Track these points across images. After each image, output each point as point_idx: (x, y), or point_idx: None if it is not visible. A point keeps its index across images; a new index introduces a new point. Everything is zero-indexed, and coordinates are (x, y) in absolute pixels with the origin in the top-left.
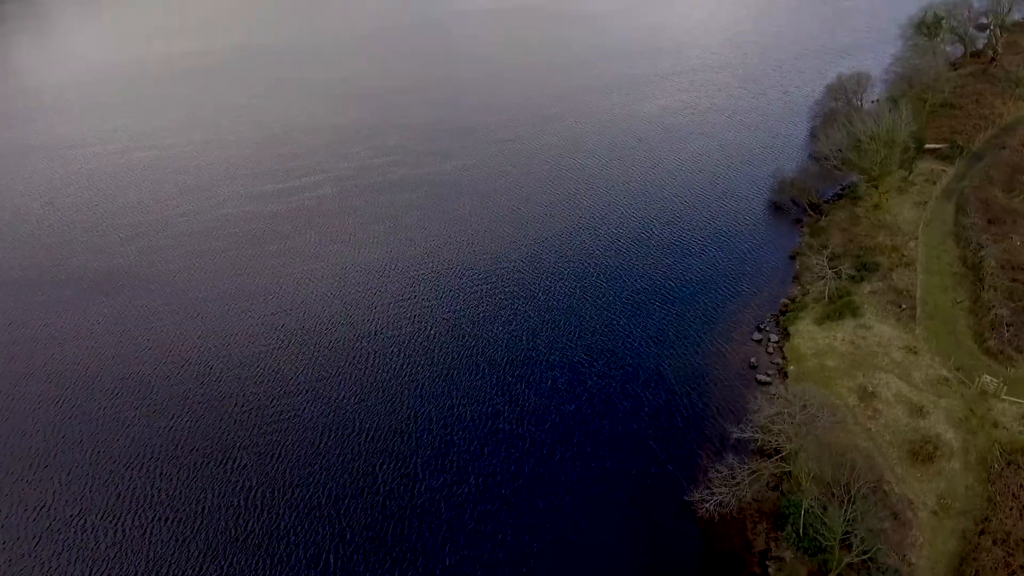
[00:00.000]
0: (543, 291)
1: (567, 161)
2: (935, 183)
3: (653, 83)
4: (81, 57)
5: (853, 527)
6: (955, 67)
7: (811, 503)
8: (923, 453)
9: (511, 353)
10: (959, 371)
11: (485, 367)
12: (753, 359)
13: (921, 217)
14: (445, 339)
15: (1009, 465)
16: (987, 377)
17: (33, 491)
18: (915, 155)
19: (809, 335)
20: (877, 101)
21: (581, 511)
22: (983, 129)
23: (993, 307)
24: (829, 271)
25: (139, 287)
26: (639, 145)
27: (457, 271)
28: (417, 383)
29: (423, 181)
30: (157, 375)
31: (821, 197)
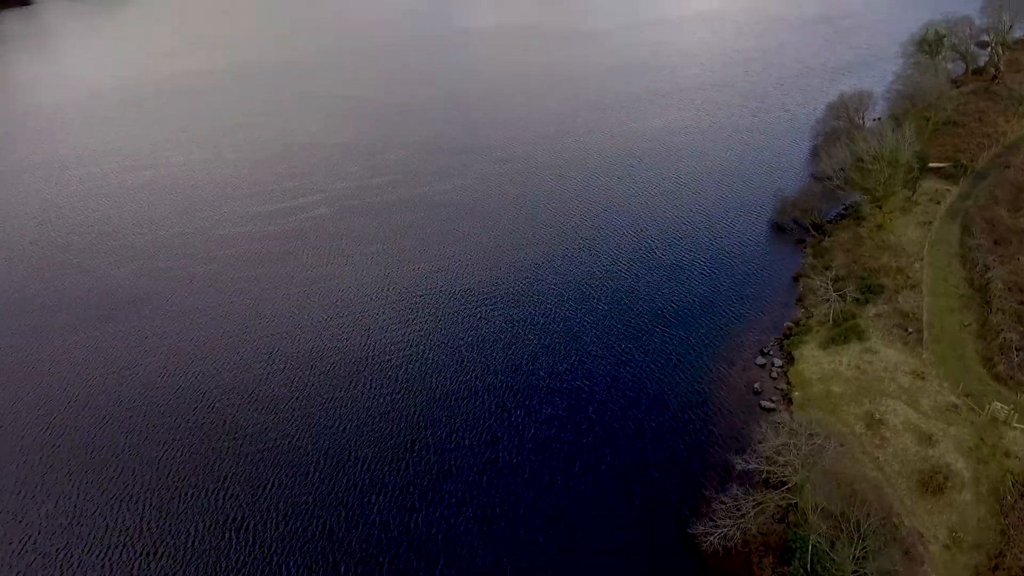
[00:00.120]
0: (542, 314)
1: (567, 180)
2: (939, 203)
3: (654, 101)
4: (80, 76)
5: (863, 565)
6: (957, 85)
7: (818, 538)
8: (933, 484)
9: (510, 379)
10: (968, 397)
11: (483, 393)
12: (757, 384)
13: (926, 237)
14: (442, 364)
15: (1022, 497)
16: (997, 404)
17: (18, 524)
18: (919, 175)
19: (814, 360)
20: (879, 119)
21: (582, 544)
22: (987, 147)
23: (1002, 331)
24: (834, 294)
25: (131, 311)
26: (640, 164)
27: (455, 294)
28: (413, 410)
29: (421, 201)
30: (149, 402)
31: (824, 217)
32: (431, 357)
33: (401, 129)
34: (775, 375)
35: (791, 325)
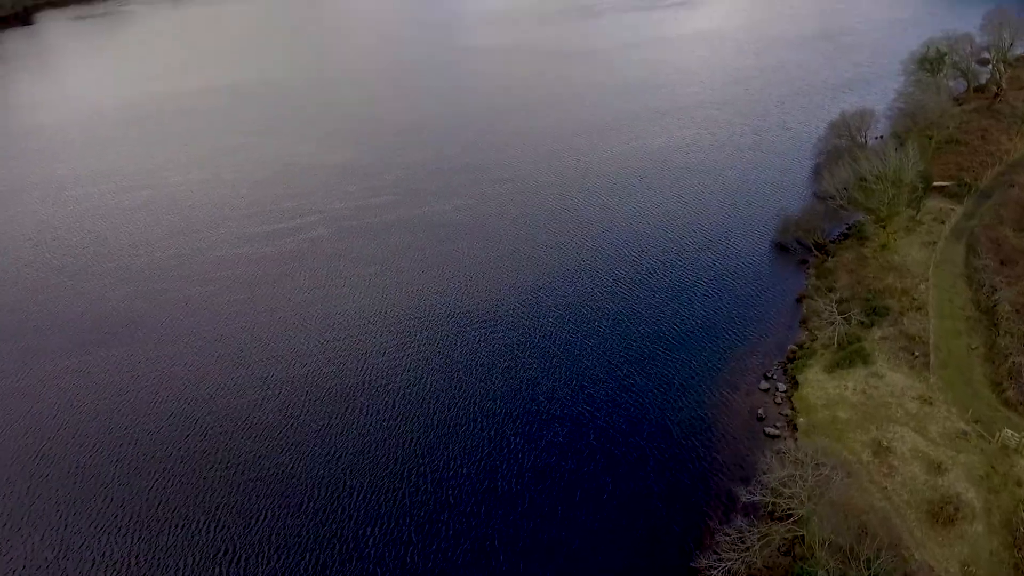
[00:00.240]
0: (542, 337)
1: (567, 200)
2: (943, 222)
3: (654, 119)
4: (81, 95)
5: None
6: (959, 102)
7: (826, 573)
8: (943, 515)
9: (509, 405)
10: (977, 424)
11: (482, 420)
12: (761, 410)
13: (931, 258)
14: (440, 390)
15: None
16: (1008, 431)
17: (2, 557)
18: (923, 194)
19: (819, 384)
20: (881, 137)
21: None
22: (990, 166)
23: (1010, 355)
24: (838, 316)
25: (124, 335)
26: (640, 183)
27: (453, 317)
28: (410, 438)
29: (420, 221)
30: (140, 429)
31: (827, 237)
32: (429, 382)
33: (400, 148)
34: (779, 400)
35: (795, 348)
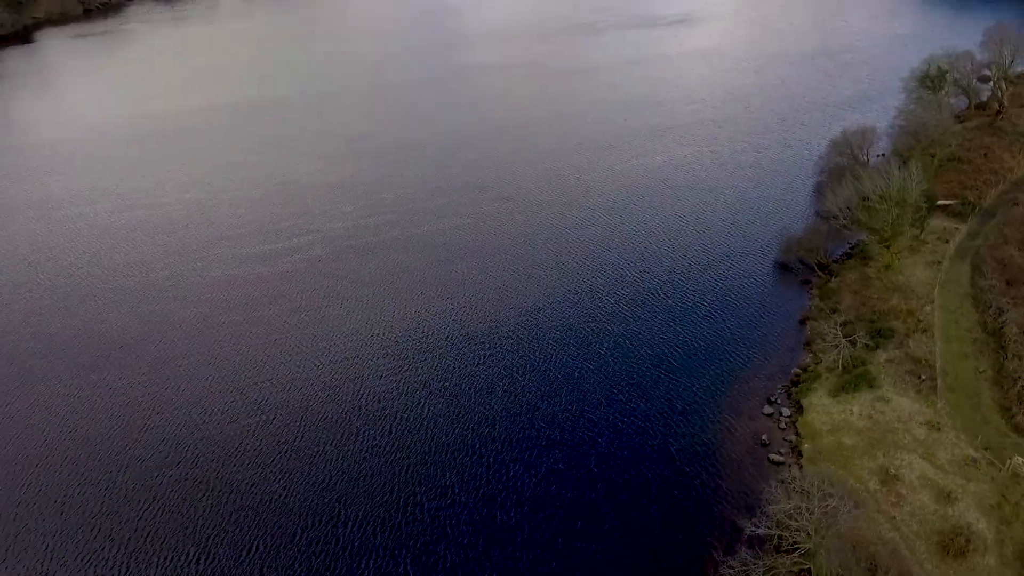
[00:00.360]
0: (542, 360)
1: (567, 219)
2: (948, 242)
3: (654, 137)
4: (80, 113)
5: None
6: (960, 120)
7: None
8: (954, 547)
9: (508, 430)
10: (987, 451)
11: (480, 446)
12: (765, 436)
13: (936, 278)
14: (438, 415)
15: None
16: (1018, 459)
17: None
18: (927, 214)
19: (823, 409)
20: (883, 155)
21: None
22: (994, 184)
23: (1019, 378)
24: (843, 339)
25: (116, 358)
26: (640, 202)
27: (451, 339)
28: (407, 465)
29: (418, 241)
30: (130, 456)
31: (830, 256)
32: (426, 407)
33: (399, 167)
34: (783, 425)
35: (799, 371)
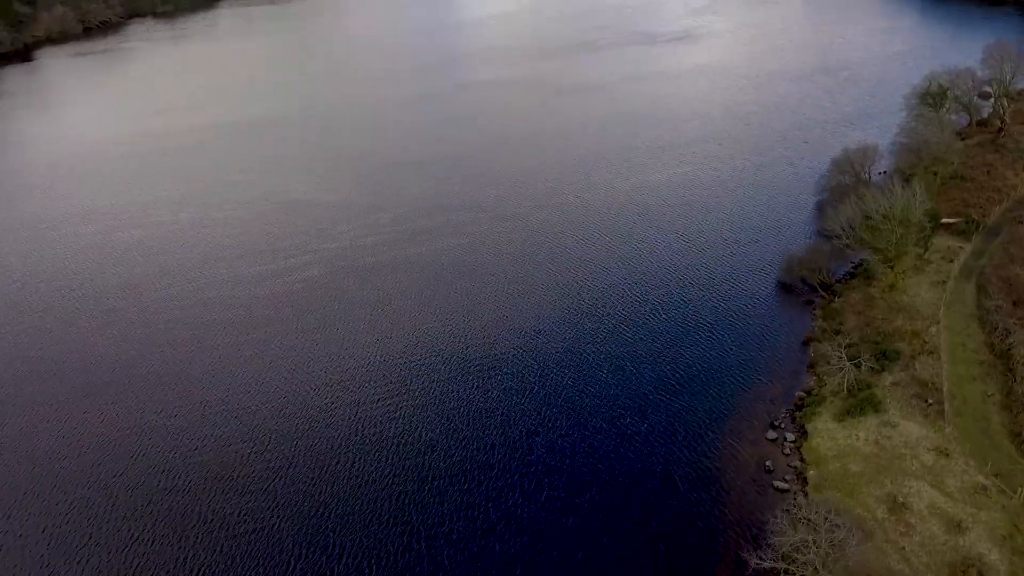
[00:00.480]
0: (541, 384)
1: (566, 238)
2: (952, 261)
3: (654, 155)
4: (79, 132)
5: None
6: (962, 137)
7: None
8: None
9: (506, 458)
10: (997, 478)
11: (478, 475)
12: (769, 462)
13: (941, 299)
14: (434, 441)
15: None
16: None
17: None
18: (931, 233)
19: (829, 434)
20: (885, 172)
21: None
22: (997, 202)
23: None
24: (848, 362)
25: (108, 383)
26: (641, 221)
27: (449, 362)
28: (403, 494)
29: (416, 261)
30: (120, 484)
31: (832, 276)
32: (423, 434)
33: (397, 186)
34: (788, 451)
35: (803, 395)
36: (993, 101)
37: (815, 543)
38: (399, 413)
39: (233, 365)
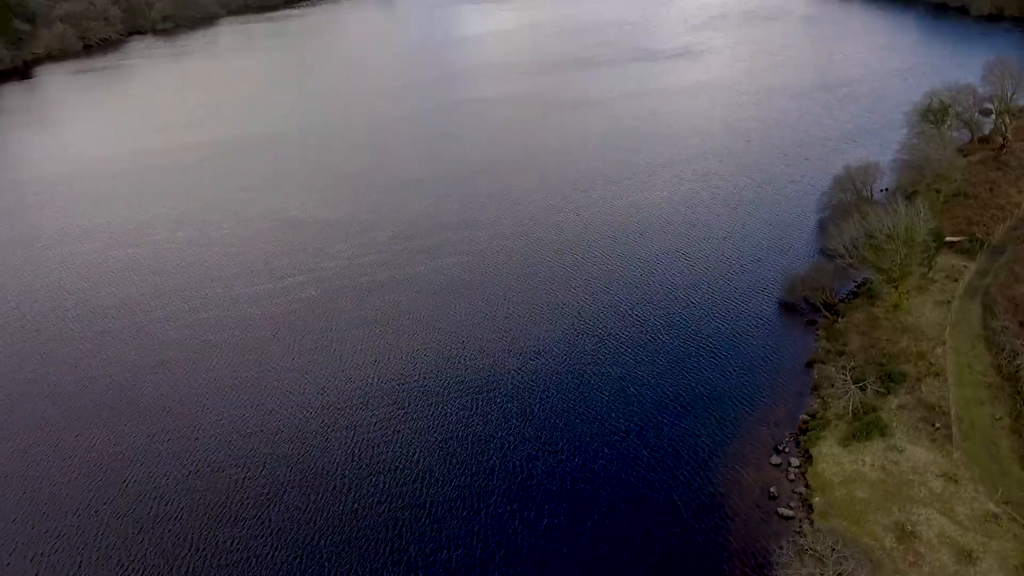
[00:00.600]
0: (540, 406)
1: (566, 257)
2: (957, 280)
3: (655, 172)
4: (76, 150)
5: None
6: (964, 154)
7: None
8: None
9: (505, 483)
10: (1008, 505)
11: (476, 501)
12: (773, 488)
13: (946, 319)
14: (431, 467)
15: None
16: None
17: None
18: (935, 252)
19: (834, 459)
20: (887, 190)
21: None
22: (1001, 220)
23: None
24: (852, 385)
25: (99, 406)
26: (641, 239)
27: (447, 385)
28: (399, 521)
29: (414, 280)
30: (109, 512)
31: (835, 296)
32: (420, 459)
33: (395, 203)
34: (792, 476)
35: (807, 418)
36: (994, 118)
37: None
38: (396, 437)
39: (227, 387)
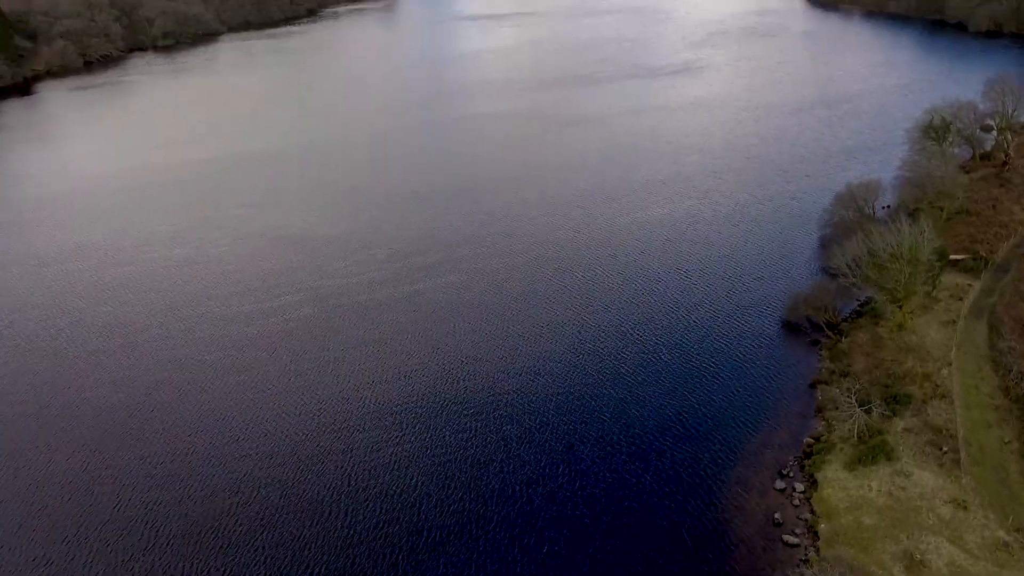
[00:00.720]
0: (540, 429)
1: (565, 276)
2: (961, 299)
3: (654, 189)
4: (75, 167)
5: None
6: (966, 170)
7: None
8: None
9: (504, 508)
10: (1019, 532)
11: (474, 527)
12: (778, 514)
13: (952, 339)
14: (429, 492)
15: None
16: None
17: None
18: (939, 272)
19: (840, 484)
20: (888, 207)
21: None
22: (1004, 238)
23: None
24: (858, 408)
25: (90, 429)
26: (641, 257)
27: (445, 407)
28: (395, 550)
29: (412, 299)
30: (97, 539)
31: (838, 315)
32: (417, 484)
33: (395, 220)
34: (797, 502)
35: (811, 441)
36: (996, 134)
37: None
38: (393, 461)
39: (221, 409)
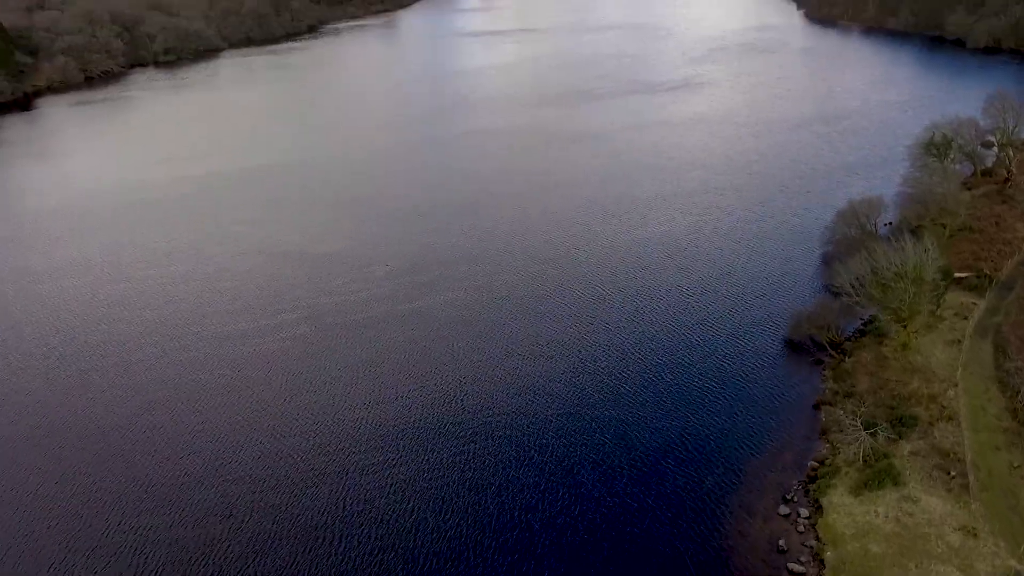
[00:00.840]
0: (538, 451)
1: (566, 293)
2: (966, 318)
3: (655, 206)
4: (75, 182)
5: None
6: (968, 187)
7: None
8: None
9: (503, 534)
10: None
11: (471, 554)
12: (782, 541)
13: (957, 359)
14: (426, 517)
15: None
16: None
17: None
18: (944, 290)
19: (845, 509)
20: (891, 224)
21: None
22: (1008, 255)
23: None
24: (863, 432)
25: (82, 448)
26: (642, 275)
27: (442, 429)
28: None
29: (410, 317)
30: (83, 567)
31: (842, 334)
32: (413, 508)
33: (394, 237)
34: (802, 528)
35: (815, 464)
36: (997, 151)
37: None
38: (388, 484)
39: (215, 430)
